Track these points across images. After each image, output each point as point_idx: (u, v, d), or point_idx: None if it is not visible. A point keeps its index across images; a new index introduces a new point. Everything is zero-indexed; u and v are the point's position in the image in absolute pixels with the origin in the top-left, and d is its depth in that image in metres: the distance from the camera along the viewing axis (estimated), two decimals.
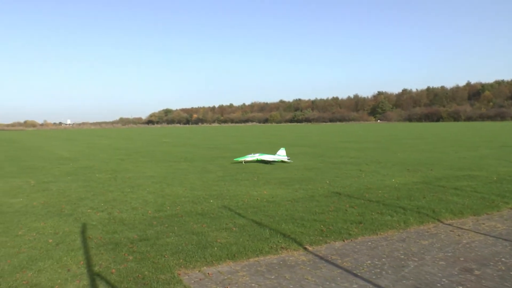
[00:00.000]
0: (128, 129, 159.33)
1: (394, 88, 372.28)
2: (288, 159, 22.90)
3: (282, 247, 7.63)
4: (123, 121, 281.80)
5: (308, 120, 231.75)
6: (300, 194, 13.04)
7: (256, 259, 7.10)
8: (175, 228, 9.07)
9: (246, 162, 22.77)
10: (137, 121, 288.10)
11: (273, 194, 13.00)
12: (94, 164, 23.56)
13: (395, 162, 21.41)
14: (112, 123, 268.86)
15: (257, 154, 23.31)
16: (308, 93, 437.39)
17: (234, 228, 8.91)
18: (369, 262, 6.88)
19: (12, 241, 8.25)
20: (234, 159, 23.68)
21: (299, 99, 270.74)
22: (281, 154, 23.36)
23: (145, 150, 35.25)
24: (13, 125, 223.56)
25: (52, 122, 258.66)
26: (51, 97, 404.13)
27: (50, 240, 8.26)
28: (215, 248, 7.58)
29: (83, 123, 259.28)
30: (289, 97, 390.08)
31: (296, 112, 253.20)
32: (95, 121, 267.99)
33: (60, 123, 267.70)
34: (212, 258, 7.08)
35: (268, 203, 11.58)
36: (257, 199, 12.28)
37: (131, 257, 7.16)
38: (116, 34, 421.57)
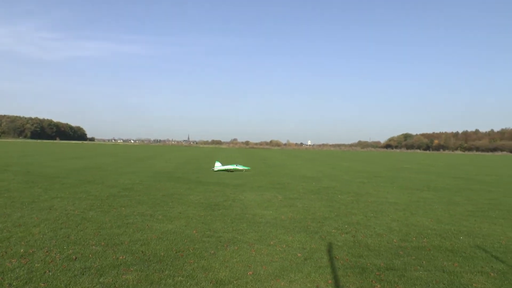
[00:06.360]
0: (367, 152, 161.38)
1: None
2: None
3: None
4: (362, 144, 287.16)
5: None
6: None
7: None
8: (423, 262, 8.72)
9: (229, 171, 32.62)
10: (375, 145, 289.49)
11: None
12: (336, 185, 24.59)
13: None
14: (351, 145, 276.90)
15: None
16: None
17: (492, 274, 8.03)
18: None
19: (266, 250, 9.27)
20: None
21: None
22: (220, 165, 33.64)
23: (385, 174, 34.96)
24: (261, 143, 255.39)
25: (294, 142, 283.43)
26: (294, 120, 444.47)
27: (299, 254, 8.95)
28: None
29: (323, 145, 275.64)
30: None
31: None
32: (334, 143, 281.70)
33: (301, 144, 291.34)
34: None
35: None
36: None
37: (378, 286, 7.16)
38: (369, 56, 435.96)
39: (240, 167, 33.95)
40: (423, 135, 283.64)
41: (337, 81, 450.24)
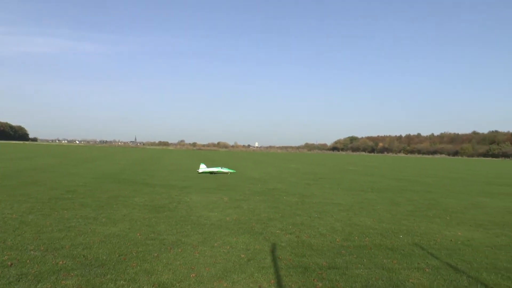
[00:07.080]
0: (314, 155, 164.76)
1: None
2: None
3: None
4: (309, 147, 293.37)
5: (506, 155, 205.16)
6: (502, 240, 11.76)
7: None
8: (364, 260, 9.01)
9: (213, 173, 33.79)
10: (322, 147, 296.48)
11: (469, 237, 12.01)
12: (282, 186, 24.95)
13: None
14: (298, 147, 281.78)
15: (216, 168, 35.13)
16: (507, 125, 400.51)
17: (427, 269, 8.48)
18: None
19: (210, 251, 9.25)
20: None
21: (496, 131, 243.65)
22: (205, 167, 34.33)
23: (331, 176, 35.86)
24: (208, 145, 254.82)
25: (242, 144, 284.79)
26: (242, 122, 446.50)
27: (243, 255, 8.99)
28: None
29: (270, 147, 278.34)
30: (483, 129, 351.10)
31: (491, 146, 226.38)
32: (281, 145, 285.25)
33: (249, 146, 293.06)
34: None
35: (464, 246, 10.80)
36: (451, 240, 11.53)
37: (320, 284, 7.30)
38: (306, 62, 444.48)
39: (225, 170, 34.57)
40: (368, 138, 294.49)
41: (285, 84, 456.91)
